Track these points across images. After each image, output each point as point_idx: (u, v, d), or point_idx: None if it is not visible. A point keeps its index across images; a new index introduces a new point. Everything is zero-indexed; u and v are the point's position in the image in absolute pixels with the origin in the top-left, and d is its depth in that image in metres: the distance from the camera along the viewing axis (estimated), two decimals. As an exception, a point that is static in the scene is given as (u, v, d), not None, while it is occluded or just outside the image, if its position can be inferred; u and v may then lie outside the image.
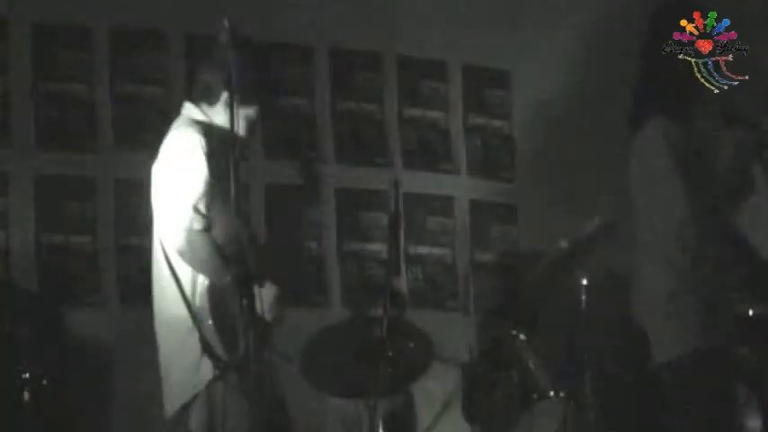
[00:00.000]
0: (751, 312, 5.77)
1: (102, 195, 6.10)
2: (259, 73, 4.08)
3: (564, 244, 5.55)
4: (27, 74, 6.09)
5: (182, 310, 3.99)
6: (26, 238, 5.94)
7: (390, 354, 4.74)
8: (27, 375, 5.13)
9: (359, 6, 6.68)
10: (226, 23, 3.67)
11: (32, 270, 5.93)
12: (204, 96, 4.17)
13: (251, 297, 3.48)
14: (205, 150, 3.99)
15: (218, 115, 4.13)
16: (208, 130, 4.08)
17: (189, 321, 3.95)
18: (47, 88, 6.12)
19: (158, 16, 6.30)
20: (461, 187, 6.90)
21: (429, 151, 6.88)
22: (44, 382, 5.30)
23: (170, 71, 6.28)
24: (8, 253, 5.88)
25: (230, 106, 3.69)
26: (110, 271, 6.07)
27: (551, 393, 5.55)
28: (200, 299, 3.95)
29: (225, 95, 4.05)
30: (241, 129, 4.06)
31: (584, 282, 5.60)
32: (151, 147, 4.28)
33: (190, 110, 4.21)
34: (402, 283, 6.39)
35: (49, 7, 6.14)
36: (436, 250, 6.80)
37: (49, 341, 5.43)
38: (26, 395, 5.07)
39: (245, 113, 4.10)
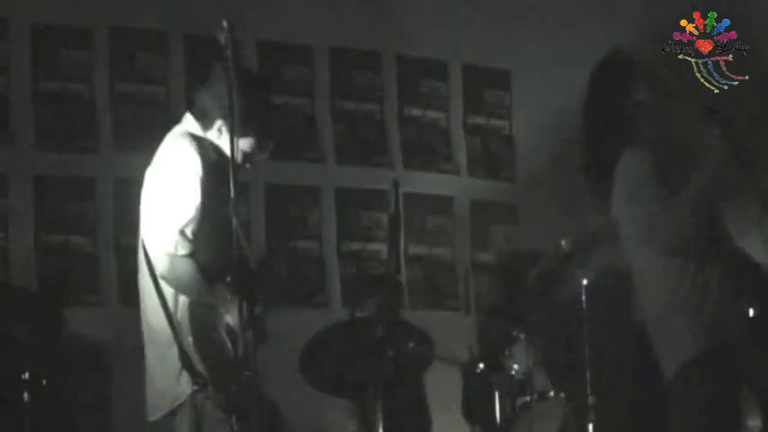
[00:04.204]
0: (751, 313, 5.77)
1: (102, 195, 6.10)
2: (259, 103, 4.01)
3: (564, 244, 5.55)
4: (27, 74, 6.09)
5: (164, 321, 3.98)
6: (26, 238, 5.94)
7: (390, 354, 4.74)
8: (27, 375, 5.13)
9: (359, 6, 6.69)
10: (225, 24, 3.66)
11: (32, 270, 5.93)
12: (199, 118, 4.13)
13: (250, 298, 3.48)
14: (201, 171, 3.96)
15: (212, 138, 4.10)
16: (204, 146, 4.05)
17: (170, 333, 3.95)
18: (47, 88, 6.12)
19: (158, 16, 6.30)
20: (461, 187, 6.90)
21: (429, 151, 6.88)
22: (44, 382, 5.31)
23: (170, 71, 6.28)
24: (8, 253, 5.88)
25: (231, 113, 3.68)
26: (110, 271, 6.07)
27: (551, 393, 5.56)
28: (181, 314, 3.95)
29: (219, 123, 4.05)
30: (238, 157, 4.01)
31: (584, 282, 5.61)
32: (151, 147, 4.27)
33: (189, 122, 4.17)
34: (401, 280, 6.39)
35: (49, 7, 6.14)
36: (436, 250, 6.80)
37: (49, 341, 5.43)
38: (26, 395, 5.07)
39: (242, 143, 4.04)
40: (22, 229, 5.94)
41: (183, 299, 3.96)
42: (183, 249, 3.91)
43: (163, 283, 3.99)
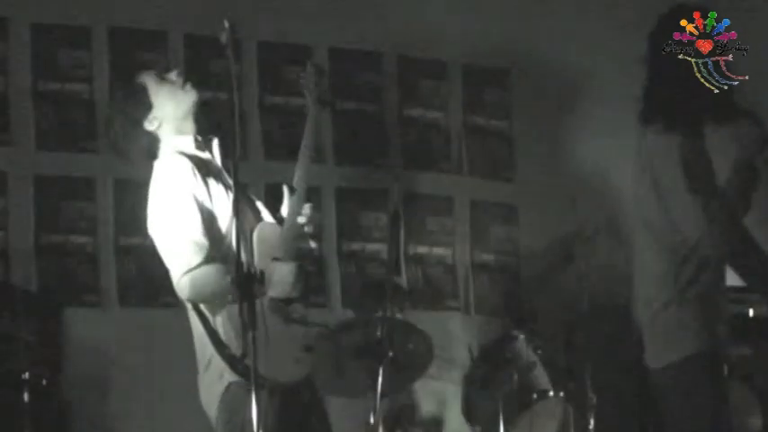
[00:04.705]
0: (751, 313, 5.79)
1: (102, 195, 6.10)
2: None
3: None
4: (27, 74, 6.09)
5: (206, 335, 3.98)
6: (26, 238, 5.94)
7: (390, 354, 4.74)
8: (27, 375, 5.13)
9: (359, 6, 6.68)
10: (226, 23, 3.66)
11: (32, 270, 5.93)
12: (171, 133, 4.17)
13: (251, 298, 3.47)
14: (186, 177, 3.96)
15: (191, 149, 4.14)
16: (185, 155, 4.07)
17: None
18: (47, 88, 6.12)
19: (158, 16, 6.30)
20: (461, 187, 6.90)
21: (429, 151, 6.87)
22: (44, 382, 5.31)
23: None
24: (8, 253, 5.88)
25: (232, 109, 3.68)
26: (110, 271, 6.07)
27: (551, 393, 5.56)
28: (221, 322, 3.93)
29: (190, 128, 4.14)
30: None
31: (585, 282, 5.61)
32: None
33: (163, 146, 4.18)
34: (402, 280, 6.39)
35: (49, 7, 6.14)
36: (436, 250, 6.79)
37: (49, 341, 5.43)
38: (26, 395, 5.07)
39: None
40: (22, 229, 5.94)
41: (220, 306, 3.94)
42: (196, 259, 3.89)
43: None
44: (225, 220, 3.98)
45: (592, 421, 5.44)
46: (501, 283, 6.84)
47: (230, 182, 4.01)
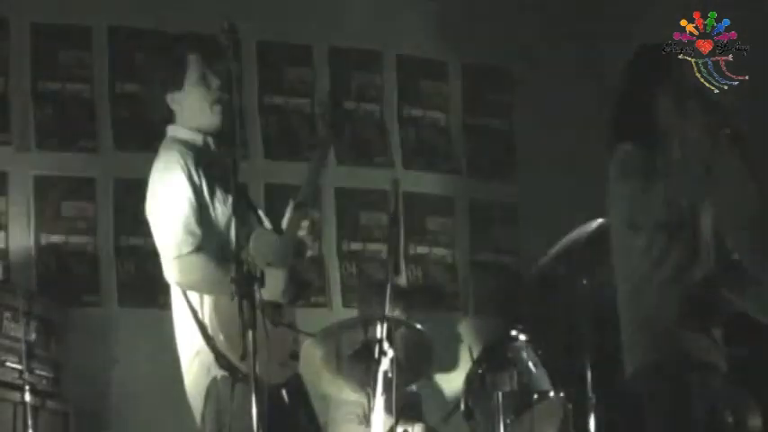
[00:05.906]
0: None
1: (102, 195, 6.10)
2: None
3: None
4: (27, 74, 6.09)
5: (194, 325, 3.98)
6: (26, 238, 5.94)
7: (390, 353, 4.74)
8: (27, 375, 5.13)
9: (359, 6, 6.69)
10: (226, 23, 3.66)
11: (32, 270, 5.93)
12: (181, 124, 4.16)
13: (251, 297, 3.47)
14: (187, 168, 3.97)
15: (197, 141, 4.13)
16: (189, 147, 4.06)
17: (200, 337, 3.95)
18: (47, 88, 6.12)
19: (158, 16, 6.30)
20: (461, 187, 6.90)
21: (429, 151, 6.88)
22: (44, 382, 5.31)
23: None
24: (8, 253, 5.89)
25: (232, 109, 3.69)
26: (110, 271, 6.07)
27: (551, 393, 5.55)
28: (208, 314, 3.93)
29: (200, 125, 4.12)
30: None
31: (585, 282, 5.61)
32: (151, 147, 4.28)
33: (173, 129, 4.18)
34: (402, 280, 6.39)
35: (49, 7, 6.15)
36: (436, 250, 6.80)
37: (48, 341, 5.43)
38: (26, 395, 5.07)
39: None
40: (22, 229, 5.95)
41: (207, 301, 3.95)
42: (187, 247, 3.90)
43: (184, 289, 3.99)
44: (223, 217, 3.98)
45: (592, 421, 5.43)
46: (501, 283, 6.84)
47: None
